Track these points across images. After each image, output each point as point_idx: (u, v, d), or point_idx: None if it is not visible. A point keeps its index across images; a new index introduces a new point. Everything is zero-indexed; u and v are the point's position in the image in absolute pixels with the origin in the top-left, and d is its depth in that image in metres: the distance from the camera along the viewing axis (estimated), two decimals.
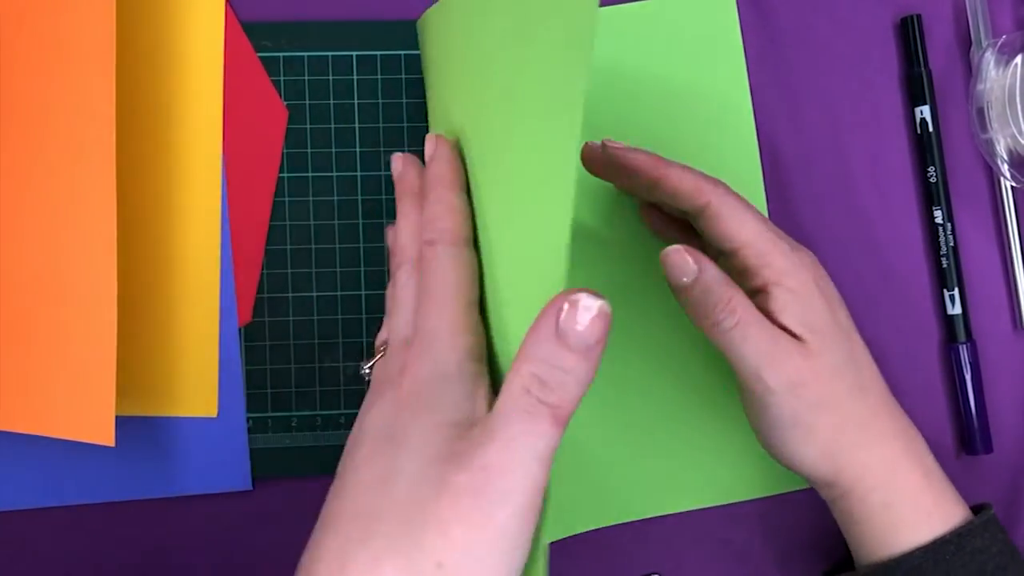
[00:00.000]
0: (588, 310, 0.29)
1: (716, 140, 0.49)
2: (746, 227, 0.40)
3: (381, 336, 0.39)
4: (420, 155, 0.49)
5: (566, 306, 0.29)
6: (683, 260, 0.39)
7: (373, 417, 0.34)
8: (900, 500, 0.40)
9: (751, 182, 0.49)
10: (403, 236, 0.39)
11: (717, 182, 0.42)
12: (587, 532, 0.49)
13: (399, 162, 0.42)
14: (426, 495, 0.29)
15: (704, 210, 0.41)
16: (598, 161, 0.44)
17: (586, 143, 0.44)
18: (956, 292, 0.49)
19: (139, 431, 0.47)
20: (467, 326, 0.34)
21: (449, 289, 0.35)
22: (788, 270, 0.40)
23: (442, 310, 0.34)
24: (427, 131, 0.48)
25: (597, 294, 0.29)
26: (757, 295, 0.41)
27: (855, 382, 0.40)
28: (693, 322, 0.40)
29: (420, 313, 0.35)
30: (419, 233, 0.38)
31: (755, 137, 0.49)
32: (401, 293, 0.37)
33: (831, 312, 0.41)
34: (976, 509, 0.42)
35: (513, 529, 0.29)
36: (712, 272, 0.39)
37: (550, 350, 0.29)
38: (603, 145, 0.43)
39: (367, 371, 0.38)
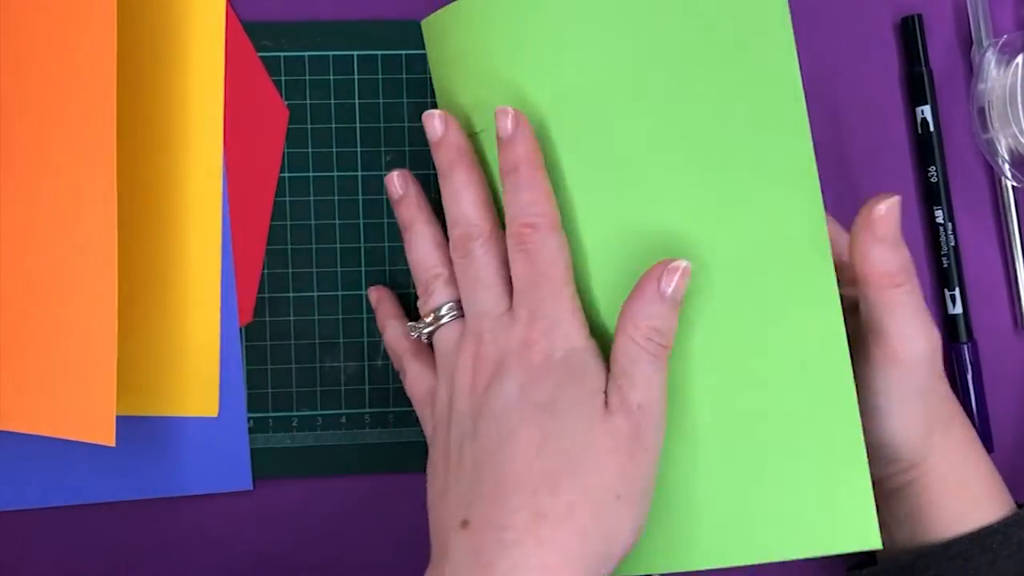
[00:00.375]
0: (676, 271, 0.38)
1: (763, 130, 0.41)
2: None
3: (433, 301, 0.42)
4: (422, 154, 0.49)
5: (665, 272, 0.38)
6: (893, 212, 0.40)
7: (509, 389, 0.38)
8: (976, 479, 0.42)
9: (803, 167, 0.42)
10: (469, 209, 0.40)
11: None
12: None
13: (438, 123, 0.42)
14: (597, 445, 0.36)
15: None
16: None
17: None
18: (957, 292, 0.49)
19: (139, 431, 0.47)
20: (580, 307, 0.39)
21: (562, 274, 0.39)
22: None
23: (560, 293, 0.39)
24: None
25: (678, 260, 0.38)
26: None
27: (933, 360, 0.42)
28: (863, 279, 0.39)
29: (537, 296, 0.39)
30: (488, 204, 0.41)
31: (807, 126, 0.42)
32: (484, 271, 0.40)
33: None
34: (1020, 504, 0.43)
35: (659, 449, 0.38)
36: (906, 250, 0.40)
37: (658, 306, 0.38)
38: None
39: (425, 334, 0.42)
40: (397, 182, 0.44)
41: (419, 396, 0.43)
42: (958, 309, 0.49)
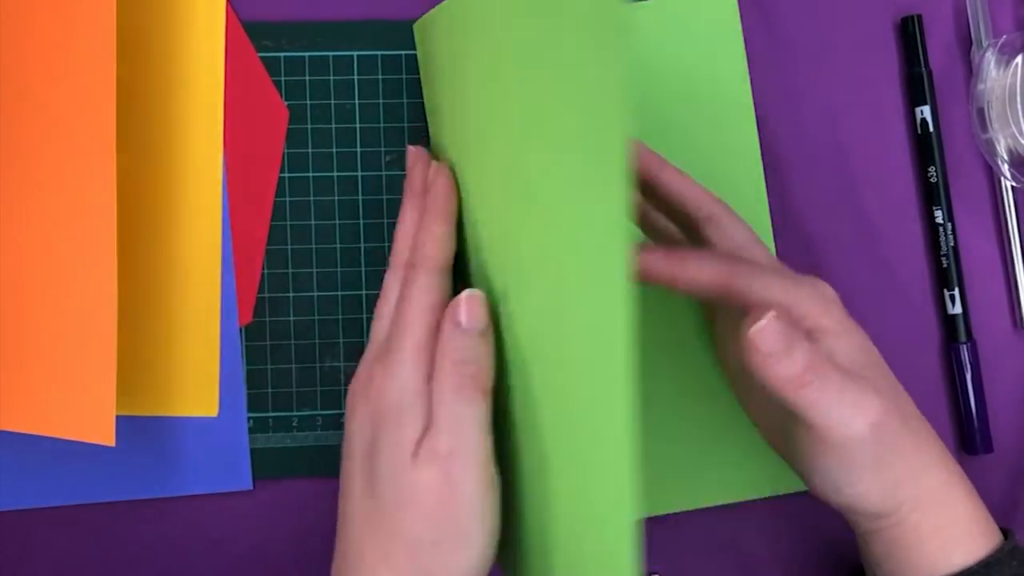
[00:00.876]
0: (470, 300, 0.38)
1: (717, 139, 0.49)
2: (772, 290, 0.39)
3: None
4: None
5: (462, 303, 0.38)
6: (776, 334, 0.38)
7: (352, 431, 0.39)
8: (953, 522, 0.39)
9: (752, 180, 0.49)
10: (398, 241, 0.42)
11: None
12: None
13: (411, 157, 0.44)
14: (401, 495, 0.37)
15: (726, 287, 0.40)
16: None
17: None
18: (956, 292, 0.49)
19: (139, 431, 0.47)
20: (429, 349, 0.38)
21: (420, 315, 0.39)
22: (820, 312, 0.39)
23: (411, 332, 0.38)
24: (427, 133, 0.48)
25: (473, 290, 0.38)
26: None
27: (906, 409, 0.40)
28: (765, 383, 0.38)
29: (392, 332, 0.39)
30: (411, 236, 0.42)
31: (756, 136, 0.49)
32: (385, 301, 0.41)
33: (864, 340, 0.40)
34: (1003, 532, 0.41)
35: (481, 487, 0.37)
36: (803, 348, 0.38)
37: (459, 339, 0.37)
38: None
39: None
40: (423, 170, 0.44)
41: None
42: (957, 309, 0.49)
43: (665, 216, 0.45)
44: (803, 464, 0.40)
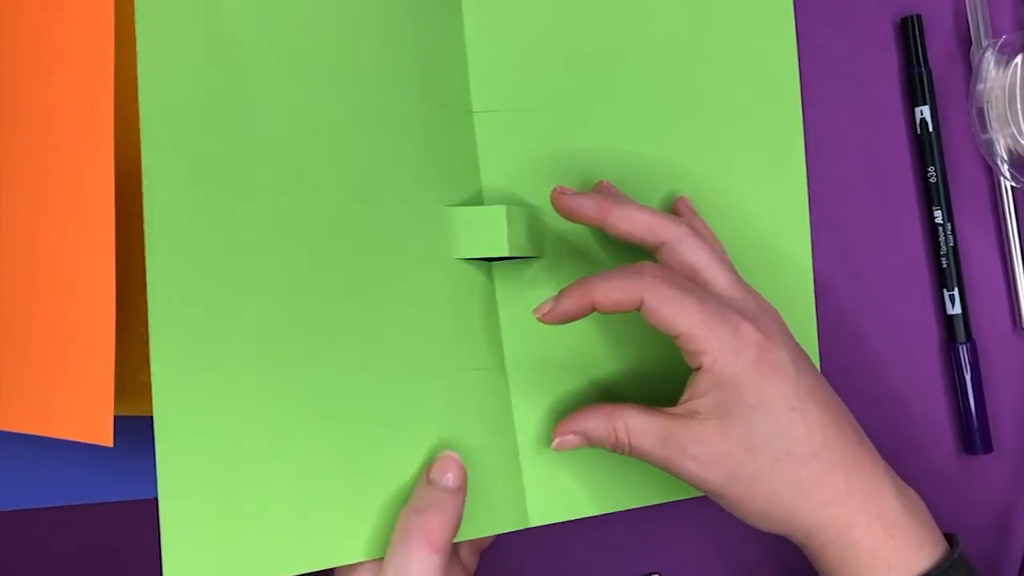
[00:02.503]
0: (449, 460, 0.39)
1: (758, 115, 0.48)
2: (682, 318, 0.39)
3: None
4: None
5: (437, 461, 0.40)
6: (570, 442, 0.42)
7: None
8: (857, 556, 0.40)
9: (792, 154, 0.49)
10: None
11: (649, 278, 0.40)
12: (587, 532, 0.49)
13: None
14: None
15: (641, 301, 0.40)
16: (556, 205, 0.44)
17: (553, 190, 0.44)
18: (956, 292, 0.49)
19: (139, 431, 0.47)
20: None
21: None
22: (719, 355, 0.39)
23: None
24: None
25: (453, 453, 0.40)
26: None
27: (781, 454, 0.39)
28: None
29: None
30: None
31: (799, 111, 0.48)
32: None
33: (760, 395, 0.40)
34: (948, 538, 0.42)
35: None
36: (592, 426, 0.41)
37: (424, 491, 0.39)
38: (553, 194, 0.43)
39: None
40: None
41: None
42: (957, 309, 0.49)
43: None
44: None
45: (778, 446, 0.39)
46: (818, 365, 0.48)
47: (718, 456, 0.39)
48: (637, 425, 0.41)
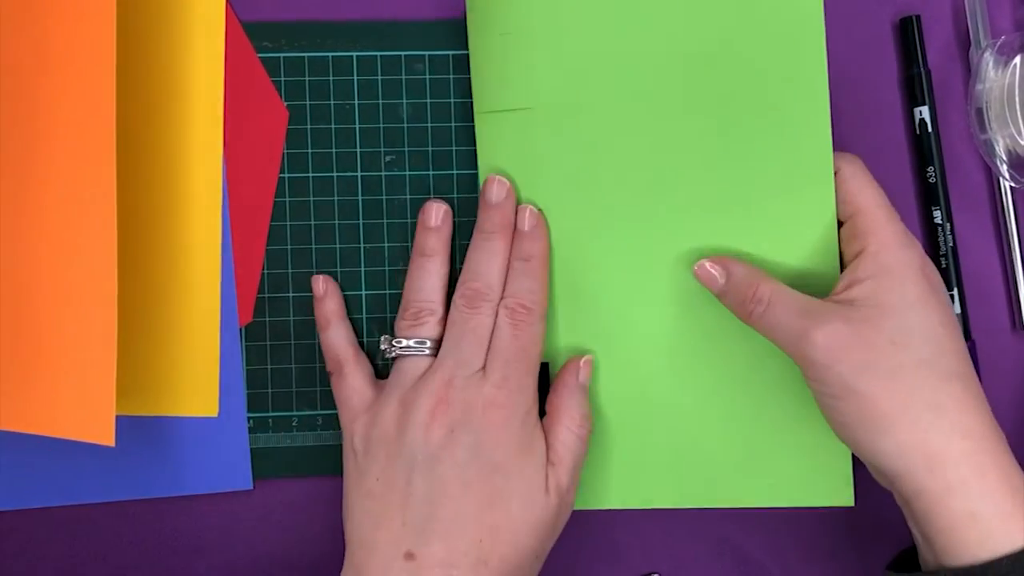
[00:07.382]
0: (588, 364, 0.46)
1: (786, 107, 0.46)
2: (865, 193, 0.42)
3: (421, 332, 0.45)
4: (420, 154, 0.49)
5: (581, 365, 0.46)
6: (708, 272, 0.44)
7: (470, 441, 0.42)
8: (989, 510, 0.37)
9: (820, 140, 0.45)
10: (494, 273, 0.45)
11: (852, 156, 0.44)
12: (588, 532, 0.49)
13: (496, 188, 0.46)
14: (533, 515, 0.42)
15: (838, 168, 0.43)
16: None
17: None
18: (955, 292, 0.49)
19: (139, 431, 0.47)
20: (536, 387, 0.45)
21: (536, 356, 0.45)
22: (890, 244, 0.41)
23: (531, 371, 0.44)
24: (428, 132, 0.48)
25: (586, 355, 0.46)
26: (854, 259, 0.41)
27: (928, 359, 0.38)
28: (743, 322, 0.43)
29: (514, 366, 0.43)
30: (505, 273, 0.45)
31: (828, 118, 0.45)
32: (481, 328, 0.44)
33: (920, 294, 0.39)
34: None
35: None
36: (738, 272, 0.43)
37: (581, 396, 0.45)
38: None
39: (392, 354, 0.45)
40: (436, 214, 0.47)
41: (354, 407, 0.45)
42: (956, 309, 0.49)
43: None
44: (826, 420, 0.41)
45: (926, 351, 0.38)
46: None
47: (860, 341, 0.38)
48: (783, 294, 0.41)
